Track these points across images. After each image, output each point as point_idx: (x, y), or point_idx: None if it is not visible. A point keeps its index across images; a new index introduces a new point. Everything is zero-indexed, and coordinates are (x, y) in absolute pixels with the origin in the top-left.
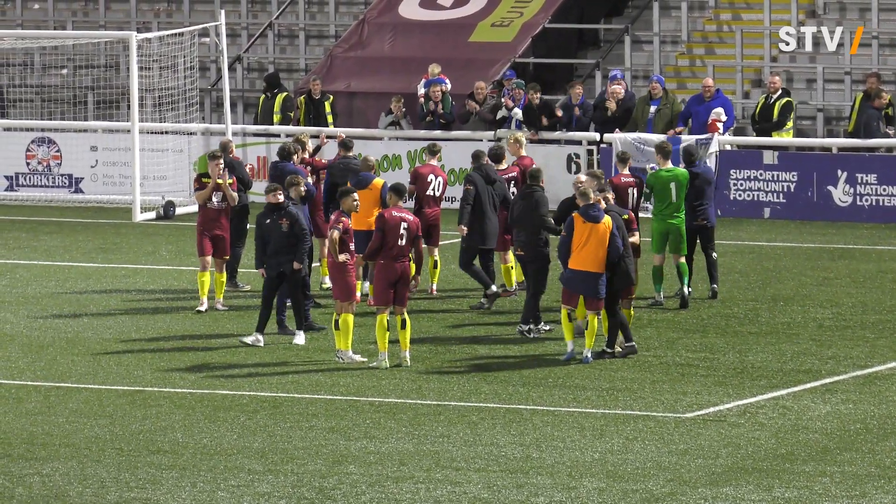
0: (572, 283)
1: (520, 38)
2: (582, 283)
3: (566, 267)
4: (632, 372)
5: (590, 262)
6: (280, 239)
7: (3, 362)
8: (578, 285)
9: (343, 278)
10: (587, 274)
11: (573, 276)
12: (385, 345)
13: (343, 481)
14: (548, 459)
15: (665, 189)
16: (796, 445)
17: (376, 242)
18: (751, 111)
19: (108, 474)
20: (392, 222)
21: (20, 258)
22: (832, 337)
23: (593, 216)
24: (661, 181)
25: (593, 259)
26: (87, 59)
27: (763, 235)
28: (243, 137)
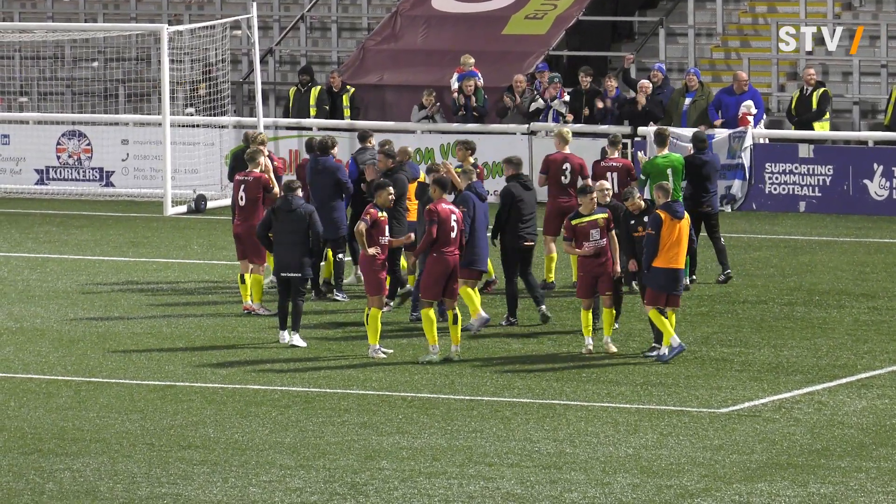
0: (661, 282)
1: (553, 30)
2: (673, 281)
3: (650, 267)
4: (666, 367)
5: (677, 259)
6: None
7: (34, 357)
8: (670, 283)
9: (372, 272)
10: (676, 271)
11: (662, 274)
12: (435, 338)
13: (375, 477)
14: (581, 455)
15: (661, 176)
16: (832, 441)
17: (430, 236)
18: (786, 104)
19: (139, 470)
20: (444, 215)
21: (51, 252)
22: (868, 332)
23: (679, 213)
24: (657, 168)
25: (678, 255)
26: (118, 51)
27: (798, 229)
28: (275, 131)
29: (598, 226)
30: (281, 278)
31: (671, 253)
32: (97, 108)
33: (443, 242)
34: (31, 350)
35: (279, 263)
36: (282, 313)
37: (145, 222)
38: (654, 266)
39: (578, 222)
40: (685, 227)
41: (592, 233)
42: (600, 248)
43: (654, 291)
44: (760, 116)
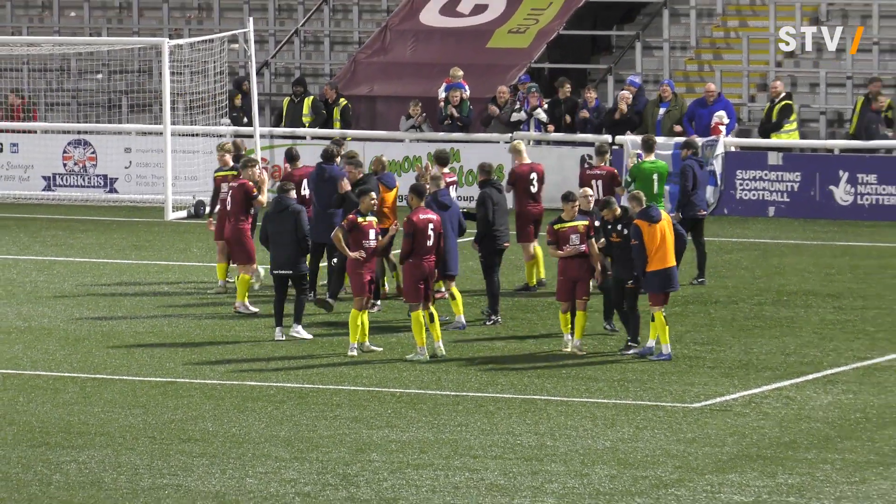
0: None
1: (535, 44)
2: (669, 279)
3: (644, 274)
4: (641, 364)
5: (667, 259)
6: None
7: (42, 355)
8: (667, 282)
9: (356, 275)
10: (669, 269)
11: (657, 277)
12: (423, 340)
13: (366, 468)
14: (561, 447)
15: (648, 180)
16: (799, 434)
17: (408, 246)
18: (756, 114)
19: (141, 462)
20: (421, 225)
21: (57, 255)
22: (833, 330)
23: (656, 217)
24: (644, 173)
25: (667, 255)
26: (122, 64)
27: (768, 233)
28: (270, 140)
29: (578, 231)
30: (276, 276)
31: (659, 255)
32: (101, 118)
33: (419, 250)
34: (39, 348)
35: (274, 262)
36: (278, 311)
37: (147, 227)
38: (648, 271)
39: (560, 227)
40: (666, 227)
41: (573, 238)
42: (580, 252)
43: (655, 294)
44: (732, 126)
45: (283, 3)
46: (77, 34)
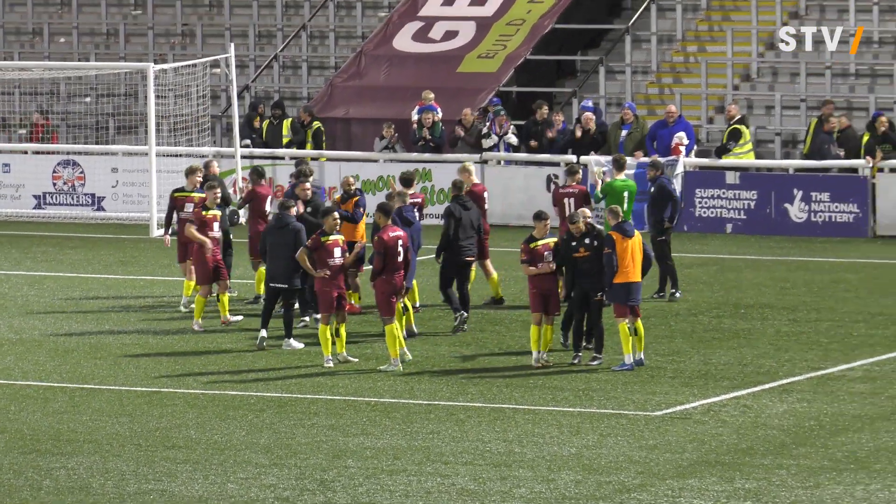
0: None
1: (504, 68)
2: (632, 293)
3: (611, 284)
4: (605, 374)
5: (633, 273)
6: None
7: (32, 366)
8: (629, 295)
9: (323, 292)
10: (632, 284)
11: (621, 288)
12: (397, 352)
13: (342, 474)
14: (529, 454)
15: (618, 197)
16: (756, 441)
17: (380, 264)
18: (714, 135)
19: (127, 468)
20: (391, 243)
21: (47, 270)
22: (789, 342)
23: (630, 232)
24: (615, 190)
25: (633, 270)
26: (109, 88)
27: (726, 249)
28: (251, 160)
29: (550, 248)
30: (270, 288)
31: (626, 269)
32: (89, 140)
33: (390, 267)
34: (30, 359)
35: (270, 275)
36: (265, 318)
37: (133, 243)
38: (614, 283)
39: (535, 245)
40: (636, 244)
41: (546, 255)
42: (553, 268)
43: (620, 305)
44: (692, 146)
45: (263, 30)
46: (66, 59)
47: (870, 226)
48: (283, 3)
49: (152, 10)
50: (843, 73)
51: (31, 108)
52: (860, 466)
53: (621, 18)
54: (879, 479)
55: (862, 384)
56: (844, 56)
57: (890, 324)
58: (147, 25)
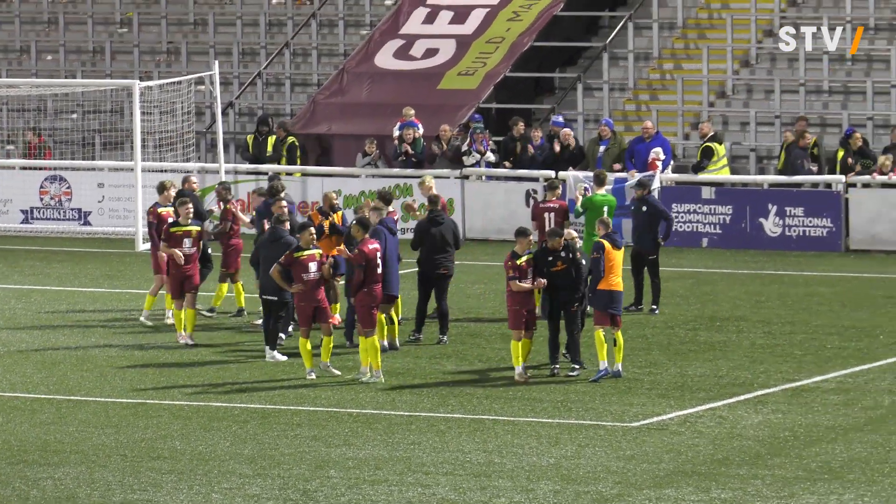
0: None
1: (483, 85)
2: (614, 301)
3: (595, 291)
4: (583, 385)
5: (617, 282)
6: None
7: (20, 378)
8: (612, 303)
9: (299, 307)
10: (616, 293)
11: (605, 295)
12: (378, 363)
13: (325, 484)
14: (508, 464)
15: (598, 211)
16: (731, 451)
17: (361, 277)
18: (690, 151)
19: (113, 478)
20: (371, 256)
21: (35, 284)
22: (763, 354)
23: (619, 243)
24: (595, 205)
25: (618, 279)
26: (95, 104)
27: (701, 263)
28: (235, 175)
29: (531, 265)
30: (262, 300)
31: (611, 277)
32: (76, 156)
33: (370, 279)
34: (17, 371)
35: (262, 287)
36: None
37: (119, 257)
38: (598, 289)
39: (521, 261)
40: (621, 256)
41: (530, 271)
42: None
43: (600, 312)
44: (668, 162)
45: (247, 48)
46: (53, 77)
47: (843, 240)
48: (267, 22)
49: (138, 28)
50: (816, 90)
51: (19, 125)
52: (834, 476)
53: (598, 37)
54: (853, 489)
55: (835, 395)
56: (818, 73)
57: (863, 336)
58: (132, 43)
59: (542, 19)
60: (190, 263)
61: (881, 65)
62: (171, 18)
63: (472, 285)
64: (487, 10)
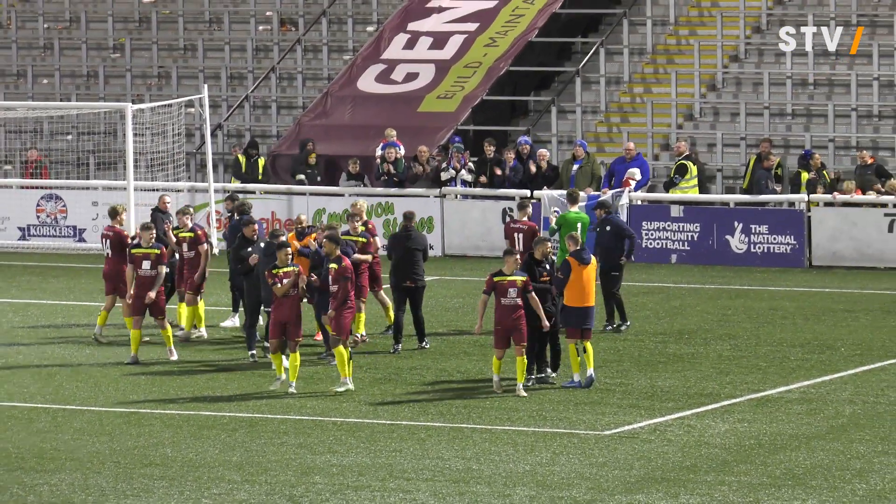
0: (573, 319)
1: (461, 108)
2: (584, 318)
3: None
4: (557, 395)
5: (587, 298)
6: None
7: (17, 388)
8: (581, 319)
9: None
10: (586, 309)
11: (574, 312)
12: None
13: (310, 490)
14: (486, 471)
15: (572, 228)
16: (699, 458)
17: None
18: (659, 171)
19: (107, 484)
20: (351, 268)
21: (31, 298)
22: (730, 365)
23: (587, 259)
24: (569, 222)
25: (588, 295)
26: (89, 126)
27: (670, 278)
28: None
29: (517, 286)
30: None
31: (582, 293)
32: (71, 175)
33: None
34: (15, 382)
35: (264, 299)
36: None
37: None
38: (567, 305)
39: (500, 280)
40: (591, 271)
41: (510, 291)
42: (517, 305)
43: (572, 329)
44: (644, 182)
45: (235, 72)
46: (49, 99)
47: (806, 257)
48: (254, 47)
49: (130, 53)
50: (780, 112)
51: (16, 146)
52: (797, 483)
53: (571, 61)
54: (815, 495)
55: (799, 405)
56: (781, 97)
57: (825, 349)
58: (125, 68)
59: (518, 45)
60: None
61: (841, 89)
62: (161, 44)
63: (450, 299)
64: (465, 36)
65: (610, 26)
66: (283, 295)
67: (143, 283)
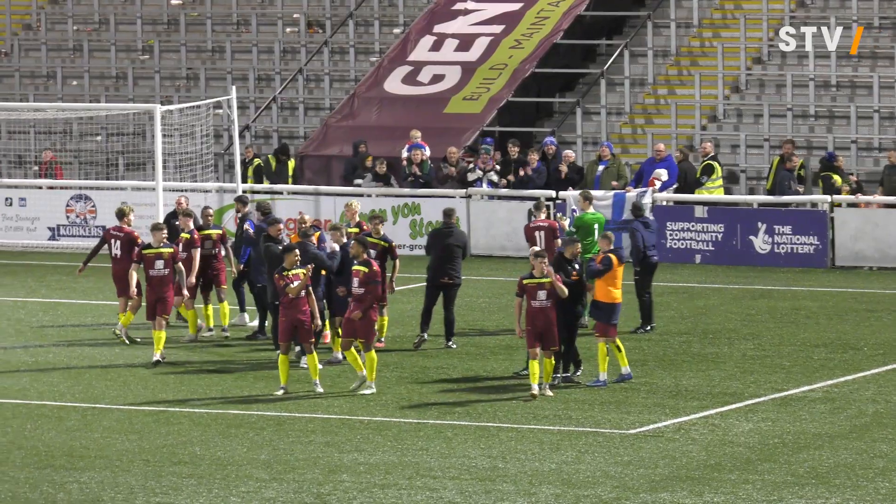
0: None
1: (487, 110)
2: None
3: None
4: (583, 394)
5: (618, 295)
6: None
7: (47, 386)
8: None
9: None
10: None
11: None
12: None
13: (337, 488)
14: (512, 469)
15: (589, 229)
16: (723, 457)
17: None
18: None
19: (136, 482)
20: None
21: (61, 297)
22: (754, 365)
23: (624, 258)
24: (585, 222)
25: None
26: (118, 127)
27: (694, 278)
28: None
29: (545, 288)
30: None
31: (615, 290)
32: (100, 175)
33: None
34: (45, 381)
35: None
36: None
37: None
38: (602, 301)
39: (529, 282)
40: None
41: (539, 293)
42: (547, 307)
43: (603, 324)
44: (670, 183)
45: (262, 74)
46: (78, 101)
47: (828, 257)
48: (281, 49)
49: (159, 55)
50: (803, 114)
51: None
52: (820, 481)
53: (596, 63)
54: (839, 494)
55: (822, 404)
56: (804, 99)
57: (848, 348)
58: (154, 69)
59: (543, 47)
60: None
61: (864, 91)
62: (190, 46)
63: (477, 299)
64: (491, 38)
65: (634, 28)
66: (294, 296)
67: (157, 283)
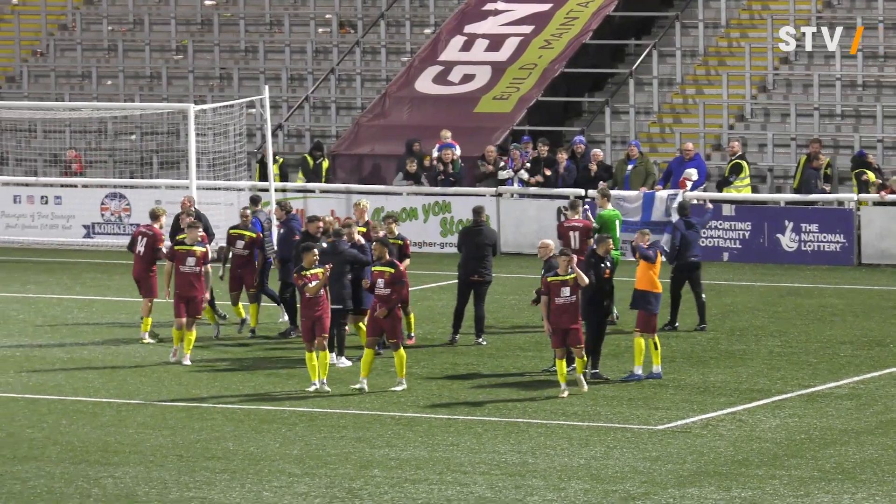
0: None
1: (517, 109)
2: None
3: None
4: (611, 391)
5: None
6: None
7: (82, 382)
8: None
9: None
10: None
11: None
12: None
13: (369, 483)
14: (541, 464)
15: (610, 224)
16: (750, 453)
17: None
18: (712, 171)
19: (170, 477)
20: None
21: (96, 294)
22: (780, 361)
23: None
24: (604, 220)
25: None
26: (152, 126)
27: (722, 276)
28: (284, 193)
29: (569, 285)
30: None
31: (655, 280)
32: (135, 174)
33: None
34: (80, 377)
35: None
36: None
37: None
38: (646, 290)
39: (553, 280)
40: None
41: (563, 290)
42: (570, 304)
43: (646, 315)
44: (700, 182)
45: (295, 73)
46: (113, 100)
47: (855, 255)
48: (314, 49)
49: (192, 55)
50: (829, 113)
51: (81, 146)
52: (847, 477)
53: (625, 63)
54: (865, 489)
55: (848, 401)
56: (831, 98)
57: (873, 345)
58: (188, 69)
59: (572, 47)
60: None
61: (890, 90)
62: (223, 46)
63: (506, 296)
64: (521, 38)
65: (662, 29)
66: (314, 295)
67: (186, 280)
